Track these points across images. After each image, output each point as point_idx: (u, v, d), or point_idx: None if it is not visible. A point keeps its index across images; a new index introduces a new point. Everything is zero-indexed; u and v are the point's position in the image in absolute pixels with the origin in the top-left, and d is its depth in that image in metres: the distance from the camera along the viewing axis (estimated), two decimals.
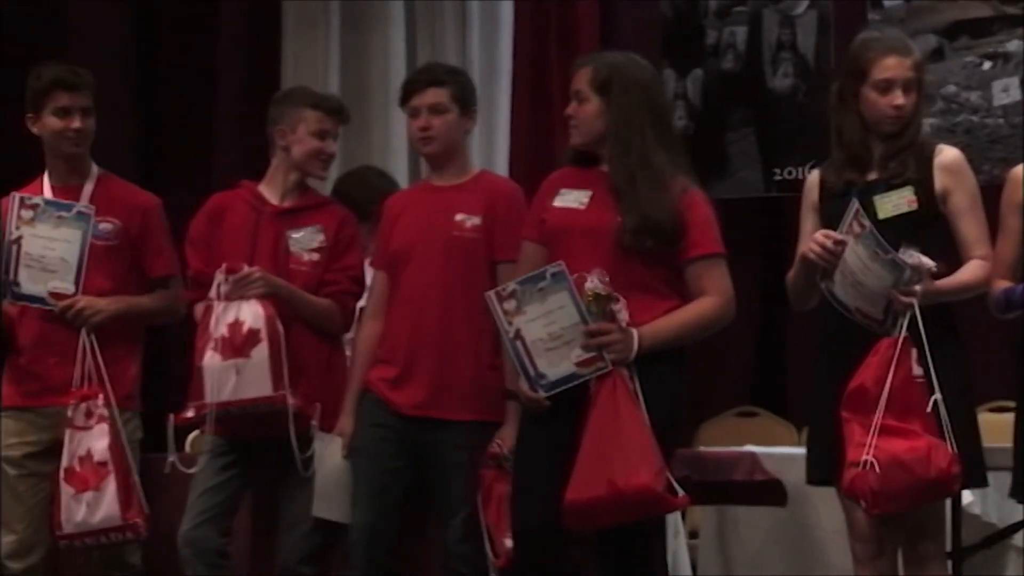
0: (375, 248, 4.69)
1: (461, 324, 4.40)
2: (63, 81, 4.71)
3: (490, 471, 4.33)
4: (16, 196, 4.62)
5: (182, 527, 4.55)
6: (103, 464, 4.48)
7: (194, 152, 6.98)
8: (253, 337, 4.43)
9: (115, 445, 4.51)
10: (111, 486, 4.47)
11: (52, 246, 4.59)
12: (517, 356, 4.06)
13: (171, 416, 4.51)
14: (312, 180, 4.77)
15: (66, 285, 4.58)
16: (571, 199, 4.20)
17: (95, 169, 4.80)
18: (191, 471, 4.55)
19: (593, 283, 3.98)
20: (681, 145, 4.32)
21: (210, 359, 4.44)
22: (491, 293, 4.09)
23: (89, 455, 4.50)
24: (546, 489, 3.98)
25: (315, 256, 4.63)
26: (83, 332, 4.57)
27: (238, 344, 4.43)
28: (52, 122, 4.70)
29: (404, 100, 4.59)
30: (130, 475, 4.52)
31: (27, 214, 4.59)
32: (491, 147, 7.04)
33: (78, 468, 4.50)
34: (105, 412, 4.52)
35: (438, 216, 4.48)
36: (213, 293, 4.51)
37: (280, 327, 4.45)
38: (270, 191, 4.71)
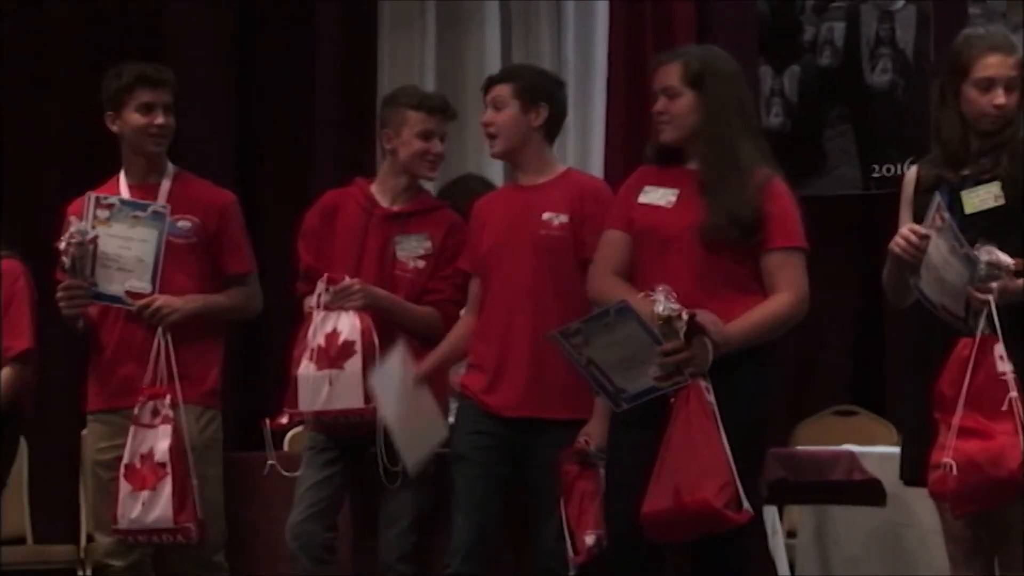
0: (466, 252, 4.69)
1: (552, 322, 4.38)
2: (146, 77, 4.70)
3: (573, 467, 4.30)
4: (91, 196, 4.62)
5: (290, 520, 4.55)
6: (162, 465, 4.47)
7: (292, 153, 7.04)
8: (348, 349, 4.43)
9: (176, 447, 4.49)
10: (167, 488, 4.46)
11: (128, 245, 4.57)
12: (594, 379, 4.05)
13: (267, 421, 4.52)
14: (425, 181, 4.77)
15: (143, 284, 4.57)
16: (657, 197, 4.17)
17: (171, 167, 4.78)
18: (291, 475, 4.55)
19: (661, 307, 3.92)
20: (763, 135, 4.28)
21: (305, 368, 4.46)
22: (556, 333, 4.07)
23: (150, 454, 4.49)
24: (635, 495, 3.96)
25: (420, 264, 4.63)
26: (159, 331, 4.56)
27: (333, 355, 4.44)
28: (134, 119, 4.69)
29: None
30: (187, 478, 4.49)
31: (103, 214, 4.58)
32: (586, 146, 7.04)
33: (138, 466, 4.49)
34: (170, 413, 4.50)
35: (525, 216, 4.46)
36: (313, 302, 4.52)
37: (375, 340, 4.44)
38: (381, 193, 4.70)
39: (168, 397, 4.51)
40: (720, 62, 4.19)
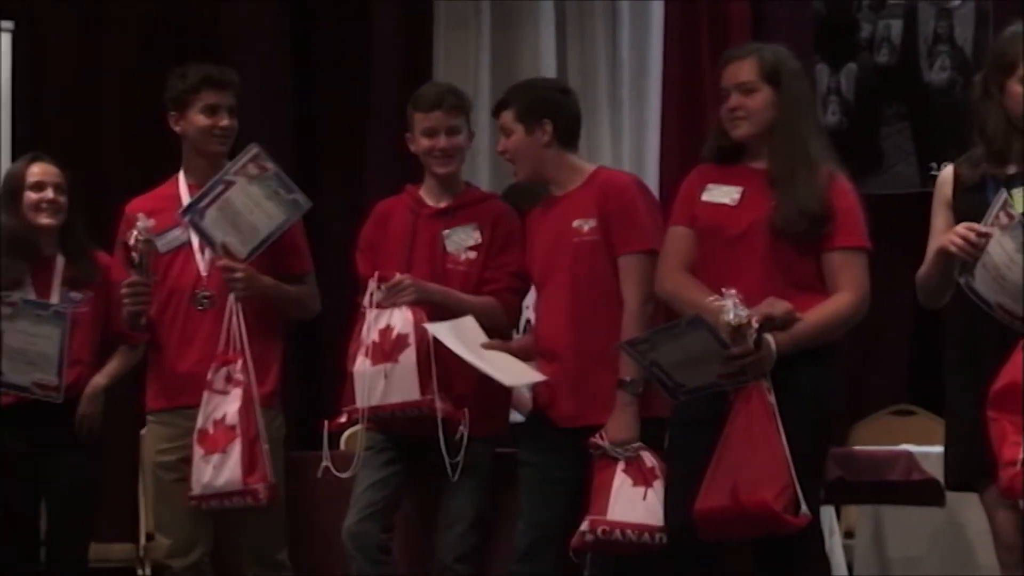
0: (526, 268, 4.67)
1: (595, 330, 4.38)
2: (212, 79, 4.73)
3: (596, 461, 4.29)
4: (256, 149, 4.59)
5: (346, 521, 4.55)
6: (232, 428, 4.48)
7: (348, 153, 7.06)
8: (401, 342, 4.43)
9: (245, 409, 4.49)
10: (236, 449, 4.46)
11: (253, 211, 4.57)
12: (655, 376, 4.05)
13: (325, 422, 4.51)
14: (472, 176, 4.77)
15: (241, 248, 4.58)
16: (721, 195, 4.16)
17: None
18: (344, 475, 4.54)
19: (731, 315, 3.91)
20: (824, 131, 4.28)
21: (360, 364, 4.46)
22: (623, 343, 4.09)
23: (223, 418, 4.51)
24: (693, 494, 3.96)
25: (471, 254, 4.63)
26: (230, 299, 4.58)
27: (387, 349, 4.44)
28: (199, 120, 4.71)
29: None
30: (257, 441, 4.49)
31: (253, 170, 4.58)
32: (641, 145, 7.04)
33: (211, 430, 4.51)
34: (242, 377, 4.52)
35: (559, 228, 4.46)
36: (365, 301, 4.52)
37: (428, 333, 4.44)
38: (427, 193, 4.71)
39: (240, 362, 4.53)
40: (791, 58, 4.20)
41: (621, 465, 4.25)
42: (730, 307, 3.91)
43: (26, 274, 4.85)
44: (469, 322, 4.52)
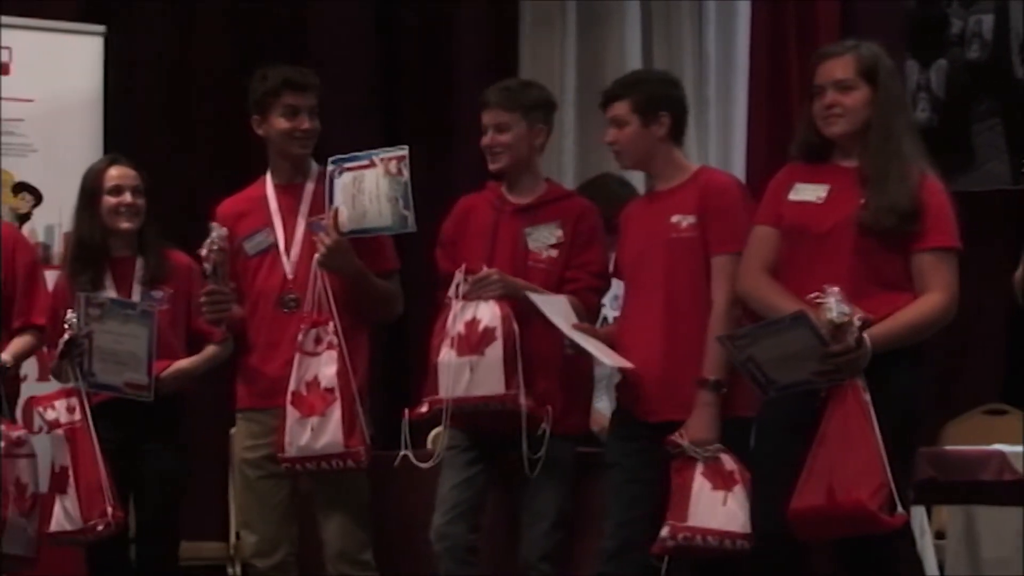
0: (615, 261, 4.67)
1: (687, 326, 4.37)
2: (292, 82, 4.75)
3: (675, 460, 4.28)
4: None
5: (435, 521, 4.56)
6: (330, 390, 4.50)
7: (435, 153, 7.07)
8: (488, 335, 4.43)
9: (343, 372, 4.52)
10: (336, 413, 4.48)
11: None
12: (748, 372, 4.02)
13: (405, 411, 4.51)
14: (558, 174, 4.76)
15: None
16: (808, 193, 4.14)
17: (315, 168, 4.82)
18: (423, 465, 4.54)
19: (834, 313, 3.89)
20: (917, 130, 4.24)
21: (446, 355, 4.46)
22: (724, 336, 4.07)
23: (316, 381, 4.52)
24: (782, 495, 3.93)
25: (553, 252, 4.62)
26: (314, 263, 4.59)
27: (474, 342, 4.43)
28: (280, 123, 4.74)
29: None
30: (354, 404, 4.51)
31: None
32: (728, 143, 7.02)
33: (305, 393, 4.52)
34: (334, 339, 4.54)
35: (657, 222, 4.45)
36: (451, 292, 4.52)
37: (515, 327, 4.44)
38: (510, 190, 4.71)
39: (331, 324, 4.55)
40: (887, 56, 4.17)
41: (700, 467, 4.24)
42: (833, 305, 3.88)
43: (104, 276, 4.88)
44: (562, 301, 4.52)
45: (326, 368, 4.54)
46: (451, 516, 4.55)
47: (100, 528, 4.66)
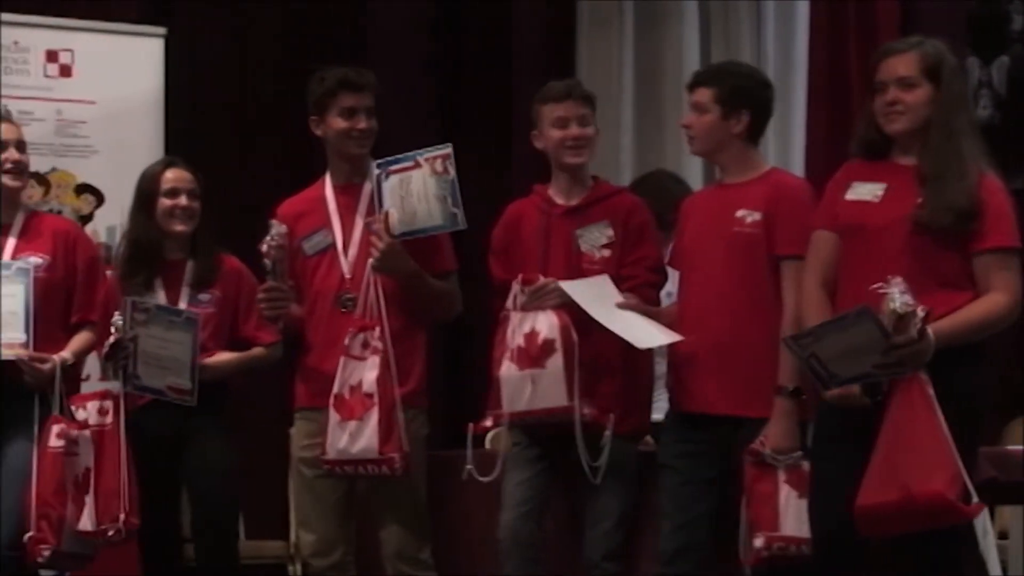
0: (672, 250, 4.67)
1: (743, 320, 4.37)
2: (348, 82, 4.75)
3: (752, 468, 4.27)
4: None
5: (503, 517, 4.56)
6: (369, 396, 4.49)
7: (491, 154, 7.09)
8: (548, 347, 4.42)
9: (383, 378, 4.51)
10: (373, 418, 4.46)
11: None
12: (811, 368, 4.00)
13: (470, 426, 4.51)
14: (616, 174, 4.75)
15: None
16: (864, 192, 4.12)
17: (374, 167, 4.83)
18: (486, 479, 4.54)
19: (898, 303, 3.86)
20: (979, 129, 4.22)
21: (507, 369, 4.45)
22: (787, 338, 4.04)
23: (359, 385, 4.52)
24: (846, 491, 3.91)
25: (606, 252, 4.61)
26: (368, 268, 4.60)
27: (534, 354, 4.43)
28: (337, 123, 4.75)
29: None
30: (394, 409, 4.49)
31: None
32: (787, 142, 7.00)
33: (347, 396, 4.52)
34: (379, 345, 4.53)
35: (721, 214, 4.44)
36: (509, 304, 4.52)
37: (574, 336, 4.42)
38: (556, 191, 4.71)
39: (377, 329, 4.54)
40: (950, 54, 4.14)
41: (782, 475, 4.23)
42: (896, 295, 3.86)
43: (155, 278, 4.90)
44: (604, 280, 4.51)
45: (369, 373, 4.53)
46: (520, 513, 4.56)
47: (111, 533, 4.67)
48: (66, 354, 4.86)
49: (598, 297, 4.47)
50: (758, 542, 4.20)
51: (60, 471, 4.68)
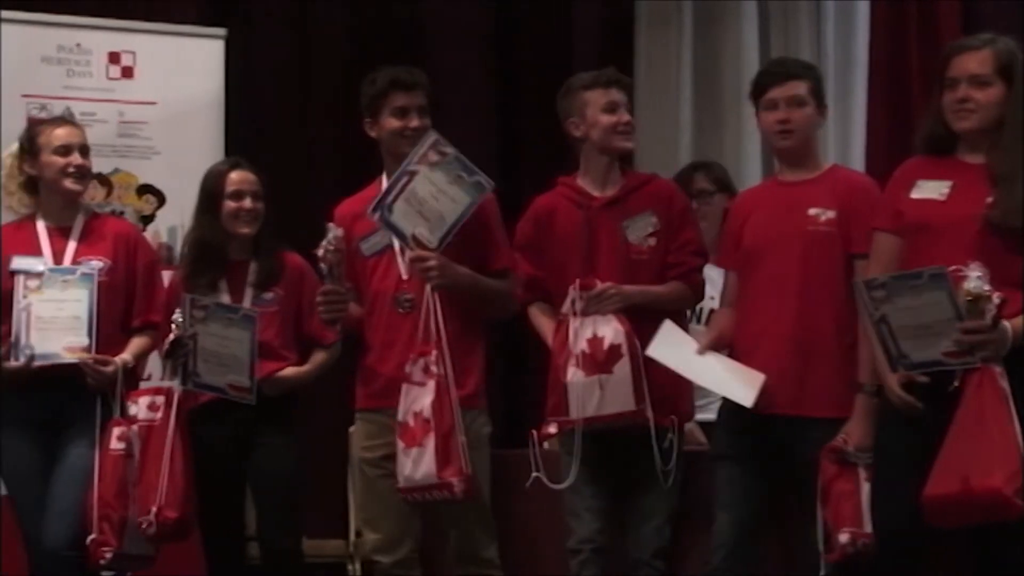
0: (721, 247, 4.65)
1: (820, 319, 4.35)
2: (400, 82, 4.76)
3: (831, 466, 4.26)
4: (434, 136, 4.60)
5: (575, 525, 4.57)
6: (427, 421, 4.47)
7: (551, 153, 7.07)
8: (615, 353, 4.42)
9: (438, 402, 4.47)
10: (431, 444, 4.44)
11: (438, 197, 4.57)
12: (880, 337, 3.98)
13: (533, 432, 4.51)
14: (673, 171, 4.74)
15: (431, 237, 4.58)
16: (929, 190, 4.10)
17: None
18: (555, 487, 4.53)
19: (973, 283, 3.85)
20: None
21: (573, 375, 4.44)
22: (860, 281, 4.03)
23: (420, 412, 4.50)
24: (909, 488, 3.90)
25: (652, 241, 4.61)
26: (427, 290, 4.56)
27: (600, 360, 4.42)
28: (390, 123, 4.75)
29: (760, 93, 4.53)
30: (452, 434, 4.46)
31: (433, 157, 4.57)
32: (847, 140, 6.96)
33: (411, 423, 4.50)
34: (436, 370, 4.50)
35: (792, 212, 4.42)
36: (567, 308, 4.51)
37: (637, 342, 4.43)
38: (590, 184, 4.69)
39: (434, 353, 4.52)
40: (1020, 53, 4.12)
41: (863, 473, 4.21)
42: (973, 276, 3.84)
43: (220, 279, 4.93)
44: (670, 328, 4.49)
45: (426, 398, 4.51)
46: (589, 518, 4.57)
47: (144, 526, 4.69)
48: (127, 356, 4.89)
49: (677, 350, 4.46)
50: (843, 538, 4.19)
51: (121, 473, 4.72)
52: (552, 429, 4.50)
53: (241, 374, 4.76)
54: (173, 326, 4.77)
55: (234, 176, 4.97)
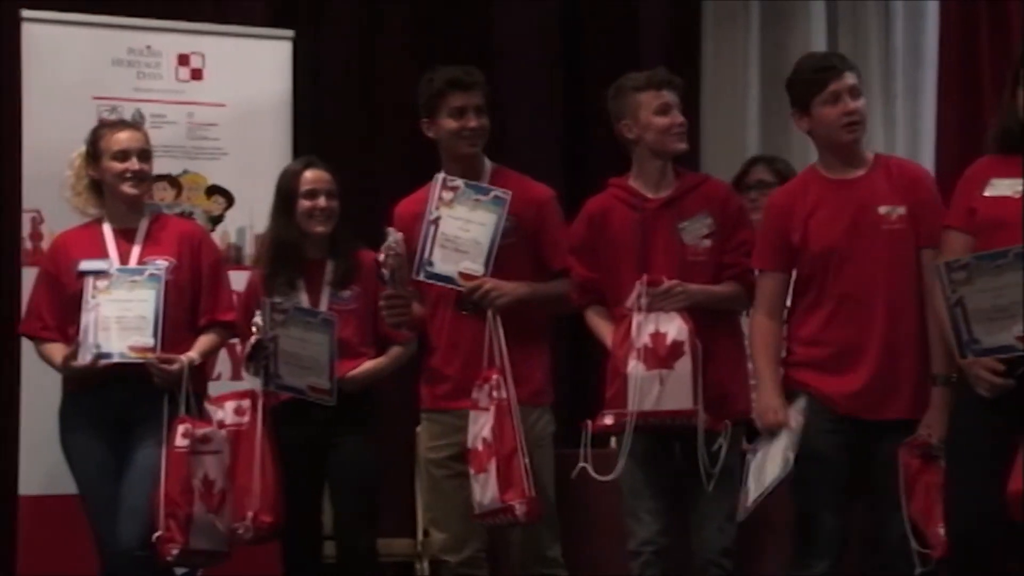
0: (762, 246, 4.57)
1: (906, 320, 4.32)
2: (456, 82, 4.75)
3: (915, 461, 4.23)
4: (440, 177, 4.66)
5: (634, 527, 4.56)
6: (490, 445, 4.48)
7: (619, 154, 7.07)
8: (677, 349, 4.40)
9: (499, 426, 4.47)
10: (493, 468, 4.45)
11: (467, 228, 4.61)
12: (953, 320, 3.95)
13: (588, 423, 4.49)
14: (728, 169, 4.72)
15: (476, 266, 4.60)
16: (1004, 188, 4.06)
17: (489, 165, 4.83)
18: (606, 478, 4.51)
19: None
20: None
21: (634, 368, 4.42)
22: (941, 263, 4.00)
23: (485, 437, 4.49)
24: (986, 483, 3.88)
25: (707, 243, 4.58)
26: (489, 314, 4.57)
27: (662, 355, 4.41)
28: (448, 123, 4.75)
29: (818, 89, 4.44)
30: (514, 457, 4.45)
31: (447, 195, 4.62)
32: (916, 138, 6.93)
33: (479, 448, 4.51)
34: (496, 393, 4.50)
35: (861, 212, 4.37)
36: (631, 304, 4.49)
37: (698, 342, 4.42)
38: (643, 185, 4.67)
39: (495, 378, 4.52)
40: None
41: (943, 465, 4.18)
42: None
43: (298, 278, 4.96)
44: (779, 447, 4.42)
45: (489, 423, 4.51)
46: (649, 520, 4.56)
47: (240, 532, 4.74)
48: (193, 354, 4.92)
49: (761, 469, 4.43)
50: (943, 532, 4.16)
51: (186, 470, 4.75)
52: (608, 420, 4.47)
53: (321, 376, 4.80)
54: (254, 328, 4.81)
55: (308, 175, 5.00)
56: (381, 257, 4.64)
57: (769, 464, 4.30)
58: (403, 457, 6.23)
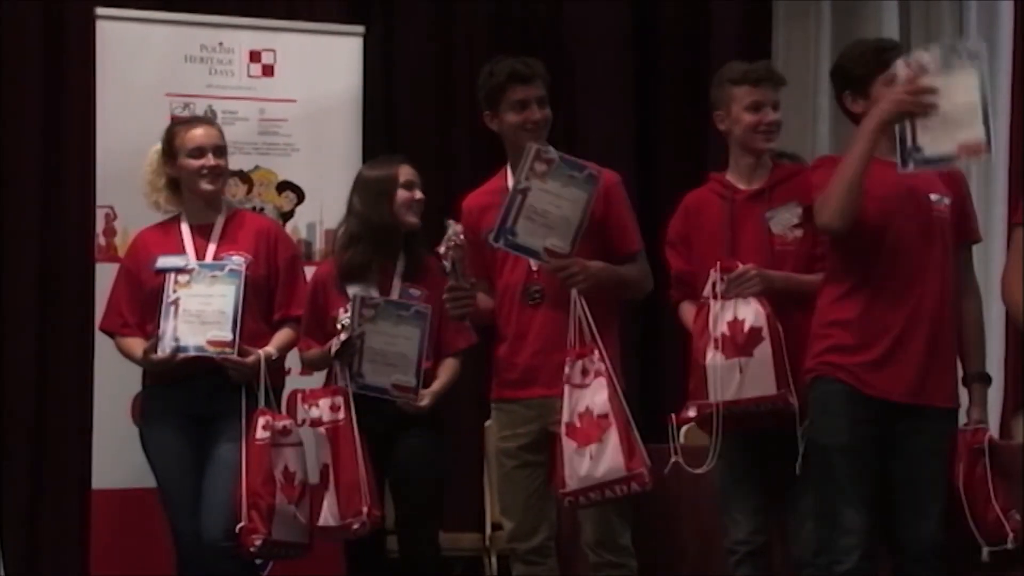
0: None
1: (947, 308, 4.28)
2: (517, 74, 4.72)
3: (967, 452, 4.21)
4: (533, 147, 4.54)
5: (730, 527, 4.54)
6: (604, 416, 4.38)
7: (690, 147, 7.06)
8: (755, 335, 4.36)
9: (614, 397, 4.41)
10: (613, 438, 4.35)
11: (559, 204, 4.51)
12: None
13: (672, 416, 4.45)
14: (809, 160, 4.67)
15: (563, 244, 4.52)
16: None
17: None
18: (694, 471, 4.46)
19: None
20: None
21: (712, 358, 4.39)
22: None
23: (588, 410, 4.41)
24: None
25: (798, 232, 4.54)
26: (574, 293, 4.50)
27: (740, 343, 4.36)
28: (510, 116, 4.72)
29: (879, 70, 4.31)
30: (631, 428, 4.39)
31: (540, 167, 4.52)
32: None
33: (579, 424, 4.41)
34: (601, 367, 4.44)
35: (914, 197, 4.29)
36: (708, 292, 4.46)
37: (779, 325, 4.37)
38: (736, 177, 4.65)
39: (595, 352, 4.46)
40: None
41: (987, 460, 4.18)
42: None
43: (374, 266, 4.97)
44: None
45: (597, 396, 4.43)
46: (742, 519, 4.53)
47: (356, 527, 4.75)
48: (270, 349, 4.95)
49: None
50: (1020, 517, 4.18)
51: (267, 462, 4.78)
52: (691, 412, 4.43)
53: (407, 373, 4.81)
54: (339, 326, 4.82)
55: (405, 169, 5.04)
56: (442, 249, 4.62)
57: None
58: (471, 452, 6.23)
